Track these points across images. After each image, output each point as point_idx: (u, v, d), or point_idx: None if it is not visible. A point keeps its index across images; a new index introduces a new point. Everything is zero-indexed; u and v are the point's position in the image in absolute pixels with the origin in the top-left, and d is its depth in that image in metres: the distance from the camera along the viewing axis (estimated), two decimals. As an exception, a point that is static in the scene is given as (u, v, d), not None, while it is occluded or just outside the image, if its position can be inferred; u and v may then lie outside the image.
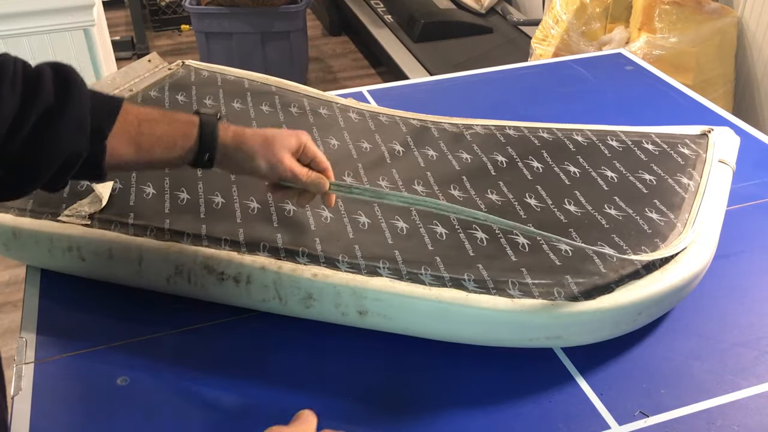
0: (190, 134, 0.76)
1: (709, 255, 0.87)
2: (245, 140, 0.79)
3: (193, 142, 0.76)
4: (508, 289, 0.79)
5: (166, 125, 0.75)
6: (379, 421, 0.75)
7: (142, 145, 0.73)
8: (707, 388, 0.78)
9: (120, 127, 0.71)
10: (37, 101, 0.65)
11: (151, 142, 0.74)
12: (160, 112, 0.77)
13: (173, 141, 0.75)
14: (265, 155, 0.79)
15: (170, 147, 0.75)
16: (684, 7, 2.12)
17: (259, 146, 0.79)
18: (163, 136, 0.75)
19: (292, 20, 2.96)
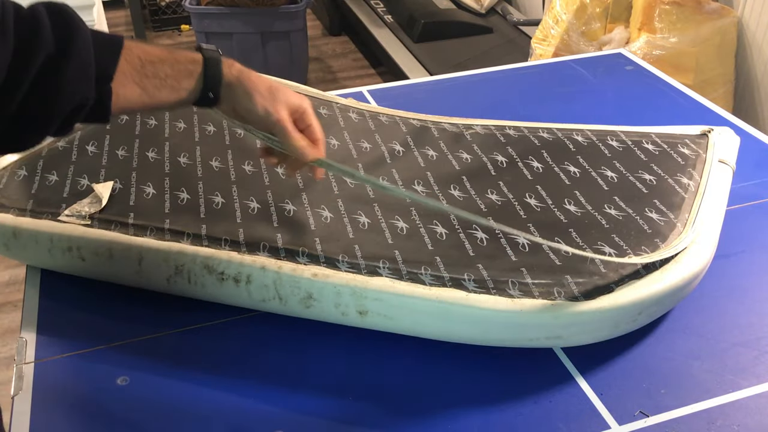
0: (195, 73, 0.75)
1: (709, 255, 0.87)
2: (250, 78, 0.79)
3: (198, 82, 0.75)
4: (508, 289, 0.79)
5: (169, 66, 0.74)
6: (379, 421, 0.75)
7: (146, 87, 0.72)
8: (707, 388, 0.78)
9: (124, 70, 0.70)
10: (36, 49, 0.62)
11: (156, 84, 0.73)
12: (162, 51, 0.75)
13: (178, 82, 0.74)
14: (264, 99, 0.78)
15: (175, 88, 0.75)
16: (684, 7, 2.12)
17: (262, 88, 0.79)
18: (168, 78, 0.74)
19: (292, 20, 2.96)
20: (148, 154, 1.02)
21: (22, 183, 0.97)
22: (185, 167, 0.99)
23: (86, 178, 0.97)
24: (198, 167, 0.99)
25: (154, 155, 1.02)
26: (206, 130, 1.08)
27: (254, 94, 0.78)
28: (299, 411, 0.76)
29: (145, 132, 1.07)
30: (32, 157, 1.02)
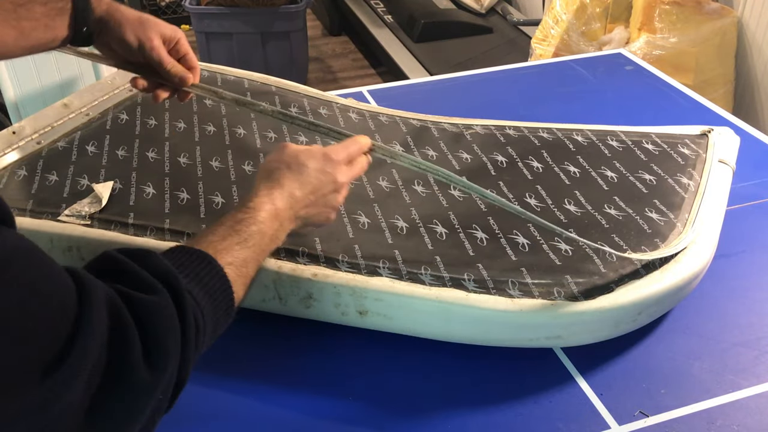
0: (65, 9, 0.77)
1: (709, 255, 0.87)
2: (120, 11, 0.81)
3: (70, 17, 0.77)
4: (508, 289, 0.79)
5: (40, 5, 0.75)
6: (379, 421, 0.75)
7: (23, 28, 0.74)
8: (707, 388, 0.78)
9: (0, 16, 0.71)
10: None
11: (32, 24, 0.74)
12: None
13: (52, 20, 0.76)
14: (136, 31, 0.81)
15: (50, 26, 0.76)
16: (684, 7, 2.12)
17: (133, 20, 0.81)
18: (41, 17, 0.75)
19: (292, 20, 2.96)
20: (148, 154, 1.02)
21: (22, 183, 0.97)
22: (185, 167, 0.99)
23: (86, 178, 0.97)
24: (198, 167, 0.99)
25: (154, 155, 1.02)
26: (206, 130, 1.08)
27: (125, 25, 0.81)
28: (299, 411, 0.76)
29: (145, 132, 1.07)
30: (32, 157, 1.02)
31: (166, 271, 0.56)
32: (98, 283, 0.50)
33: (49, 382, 0.43)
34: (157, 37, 0.82)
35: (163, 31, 0.83)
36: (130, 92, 1.16)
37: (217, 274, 0.61)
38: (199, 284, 0.59)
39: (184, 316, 0.54)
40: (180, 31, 0.85)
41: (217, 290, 0.61)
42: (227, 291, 0.61)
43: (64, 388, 0.44)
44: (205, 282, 0.60)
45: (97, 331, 0.47)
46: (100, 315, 0.47)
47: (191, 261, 0.60)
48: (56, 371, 0.43)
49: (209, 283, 0.60)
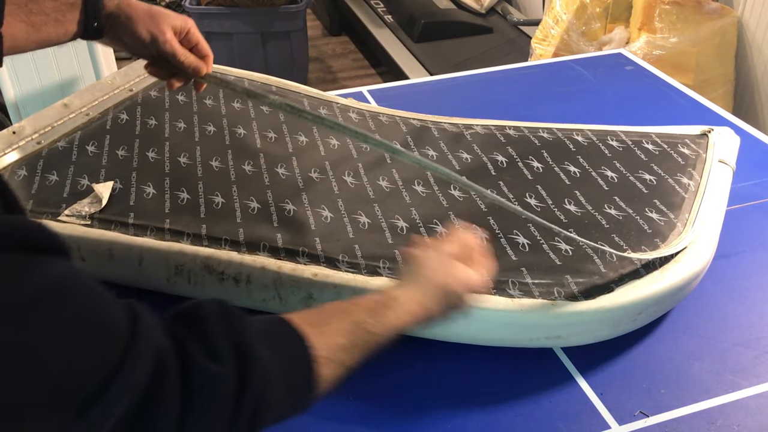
0: (76, 4, 0.78)
1: (709, 255, 0.87)
2: (130, 5, 0.81)
3: (81, 13, 0.78)
4: (508, 289, 0.79)
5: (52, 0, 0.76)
6: (379, 421, 0.75)
7: (34, 23, 0.75)
8: (707, 388, 0.78)
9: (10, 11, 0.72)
10: None
11: (42, 19, 0.75)
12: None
13: (62, 15, 0.77)
14: (148, 25, 0.81)
15: (60, 21, 0.77)
16: (684, 7, 2.12)
17: (143, 14, 0.81)
18: (52, 12, 0.76)
19: (292, 20, 2.96)
20: (148, 154, 1.02)
21: (22, 183, 0.97)
22: (185, 167, 0.99)
23: (86, 178, 0.97)
24: (198, 167, 0.99)
25: (154, 155, 1.02)
26: (206, 130, 1.08)
27: (137, 20, 0.81)
28: (299, 411, 0.76)
29: (145, 132, 1.07)
30: (32, 157, 1.02)
31: (247, 343, 0.51)
32: (153, 332, 0.46)
33: (83, 420, 0.41)
34: (169, 30, 0.82)
35: (174, 23, 0.83)
36: (130, 92, 1.16)
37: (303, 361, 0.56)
38: (274, 353, 0.53)
39: (243, 397, 0.49)
40: (190, 20, 0.86)
41: (296, 364, 0.56)
42: (308, 377, 0.56)
43: (105, 416, 0.42)
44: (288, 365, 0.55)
45: (134, 381, 0.43)
46: (143, 364, 0.44)
47: (282, 337, 0.56)
48: (90, 409, 0.41)
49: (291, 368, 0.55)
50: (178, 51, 0.83)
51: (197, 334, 0.50)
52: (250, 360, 0.50)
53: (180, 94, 1.16)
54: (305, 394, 0.57)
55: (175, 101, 1.14)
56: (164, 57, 0.83)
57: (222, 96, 1.16)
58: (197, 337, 0.50)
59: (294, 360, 0.56)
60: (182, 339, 0.49)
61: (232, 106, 1.14)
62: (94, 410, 0.41)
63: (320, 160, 1.02)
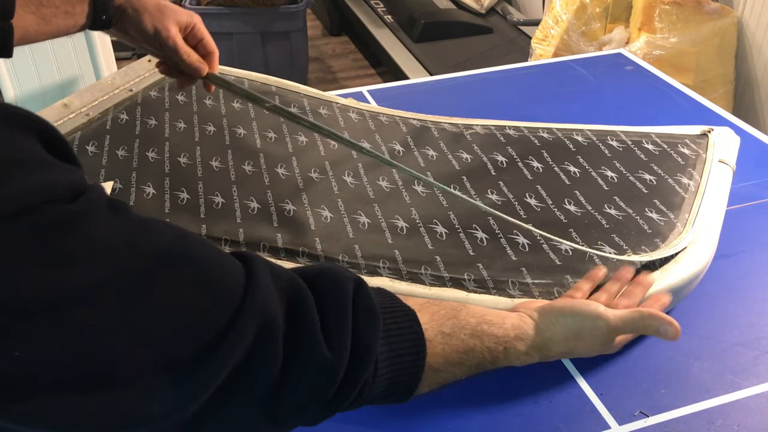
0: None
1: (709, 255, 0.87)
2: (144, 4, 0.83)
3: (89, 4, 0.79)
4: (508, 289, 0.79)
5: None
6: (379, 421, 0.75)
7: (44, 15, 0.76)
8: (707, 387, 0.78)
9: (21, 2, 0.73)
10: None
11: (52, 11, 0.76)
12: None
13: (72, 7, 0.78)
14: (154, 19, 0.82)
15: (70, 13, 0.78)
16: (684, 7, 2.12)
17: (151, 8, 0.82)
18: (62, 5, 0.77)
19: (292, 20, 2.96)
20: (148, 154, 1.02)
21: (22, 183, 0.97)
22: (185, 167, 0.99)
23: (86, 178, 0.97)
24: (198, 167, 0.99)
25: (154, 155, 1.02)
26: (206, 130, 1.08)
27: (143, 14, 0.82)
28: (299, 411, 0.76)
29: (145, 132, 1.07)
30: (32, 157, 1.02)
31: (368, 346, 0.52)
32: (265, 299, 0.47)
33: (203, 363, 0.42)
34: (174, 26, 0.83)
35: (180, 18, 0.84)
36: (130, 92, 1.16)
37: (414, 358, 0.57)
38: (389, 355, 0.55)
39: (344, 388, 0.52)
40: (197, 16, 0.86)
41: (405, 370, 0.57)
42: (415, 376, 0.58)
43: (216, 370, 0.43)
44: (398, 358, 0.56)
45: (238, 344, 0.44)
46: (247, 333, 0.45)
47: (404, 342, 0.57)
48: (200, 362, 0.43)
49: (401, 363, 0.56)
50: (180, 48, 0.84)
51: (322, 309, 0.51)
52: (363, 361, 0.52)
53: (180, 94, 1.16)
54: (395, 398, 0.59)
55: (175, 101, 1.14)
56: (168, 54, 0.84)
57: (222, 96, 1.16)
58: (320, 313, 0.50)
59: (404, 366, 0.57)
60: (302, 309, 0.49)
61: (232, 106, 1.14)
62: (206, 363, 0.43)
63: (320, 160, 1.02)
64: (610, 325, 0.69)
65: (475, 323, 0.64)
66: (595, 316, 0.69)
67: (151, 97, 1.16)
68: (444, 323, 0.61)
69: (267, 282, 0.48)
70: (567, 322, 0.69)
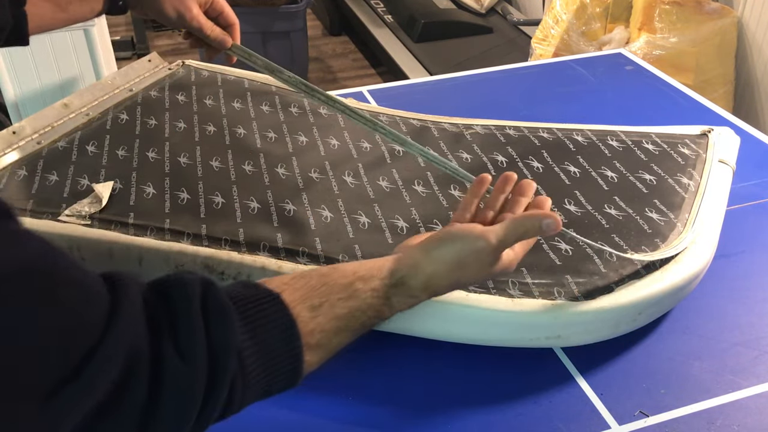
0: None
1: (709, 255, 0.87)
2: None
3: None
4: (508, 289, 0.79)
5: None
6: (379, 421, 0.75)
7: (59, 3, 0.77)
8: (707, 388, 0.78)
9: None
10: None
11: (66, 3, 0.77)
12: None
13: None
14: (173, 2, 0.83)
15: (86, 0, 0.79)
16: (684, 7, 2.12)
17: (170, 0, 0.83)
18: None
19: (292, 20, 2.96)
20: (148, 154, 1.02)
21: (22, 183, 0.97)
22: (185, 167, 0.99)
23: (86, 178, 0.97)
24: (198, 167, 0.99)
25: (154, 155, 1.02)
26: (206, 130, 1.08)
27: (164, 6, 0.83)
28: (298, 411, 0.76)
29: (145, 132, 1.07)
30: (32, 157, 1.02)
31: (224, 346, 0.49)
32: (129, 329, 0.44)
33: (53, 403, 0.40)
34: (194, 5, 0.85)
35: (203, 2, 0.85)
36: (130, 92, 1.16)
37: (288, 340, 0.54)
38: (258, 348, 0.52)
39: (211, 397, 0.48)
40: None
41: (281, 356, 0.53)
42: (295, 359, 0.54)
43: (69, 409, 0.41)
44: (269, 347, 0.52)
45: (99, 381, 0.42)
46: (110, 367, 0.42)
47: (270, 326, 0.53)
48: (56, 397, 0.40)
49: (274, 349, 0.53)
50: (204, 25, 0.86)
51: (173, 324, 0.48)
52: (223, 364, 0.49)
53: (180, 94, 1.16)
54: (284, 384, 0.55)
55: (175, 101, 1.14)
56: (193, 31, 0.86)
57: (222, 96, 1.16)
58: (172, 329, 0.48)
59: (279, 352, 0.53)
60: (159, 329, 0.47)
61: (232, 106, 1.14)
62: (61, 398, 0.40)
63: (320, 160, 1.02)
64: (492, 243, 0.63)
65: (347, 283, 0.59)
66: (475, 238, 0.63)
67: (151, 97, 1.16)
68: (312, 295, 0.57)
69: (134, 312, 0.46)
70: (448, 251, 0.64)
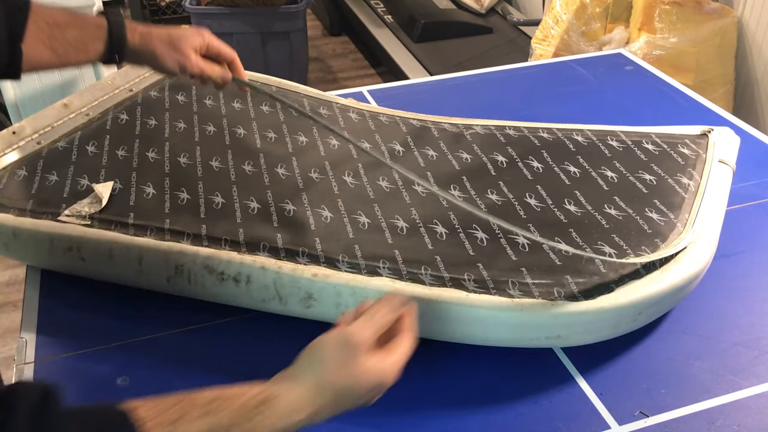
0: (101, 37, 0.82)
1: (709, 255, 0.87)
2: (152, 41, 0.85)
3: (103, 45, 0.82)
4: (508, 289, 0.79)
5: (77, 30, 0.81)
6: (380, 422, 0.75)
7: (56, 49, 0.79)
8: (707, 388, 0.78)
9: (33, 34, 0.77)
10: None
11: (65, 47, 0.80)
12: (69, 16, 0.82)
13: (85, 45, 0.82)
14: (172, 56, 0.86)
15: (82, 50, 0.82)
16: (684, 7, 2.12)
17: (165, 47, 0.86)
18: (75, 41, 0.81)
19: (292, 20, 2.96)
20: (148, 154, 1.02)
21: (22, 183, 0.97)
22: (185, 167, 0.99)
23: (86, 178, 0.97)
24: (198, 167, 0.99)
25: (154, 155, 1.02)
26: (206, 130, 1.08)
27: (162, 55, 0.86)
28: (299, 411, 0.76)
29: (145, 132, 1.07)
30: (32, 157, 1.02)
31: None
32: None
33: None
34: (192, 53, 0.87)
35: (194, 43, 0.87)
36: (130, 92, 1.16)
37: None
38: None
39: None
40: (206, 32, 0.90)
41: None
42: None
43: None
44: None
45: None
46: None
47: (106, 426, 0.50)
48: None
49: None
50: (204, 69, 0.89)
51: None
52: None
53: (180, 95, 1.16)
54: None
55: (175, 101, 1.14)
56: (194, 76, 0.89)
57: (222, 96, 1.16)
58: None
59: None
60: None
61: (232, 106, 1.14)
62: None
63: (320, 160, 1.02)
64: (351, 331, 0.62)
65: (208, 400, 0.57)
66: (336, 333, 0.63)
67: (151, 97, 1.16)
68: (169, 411, 0.53)
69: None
70: (315, 355, 0.62)
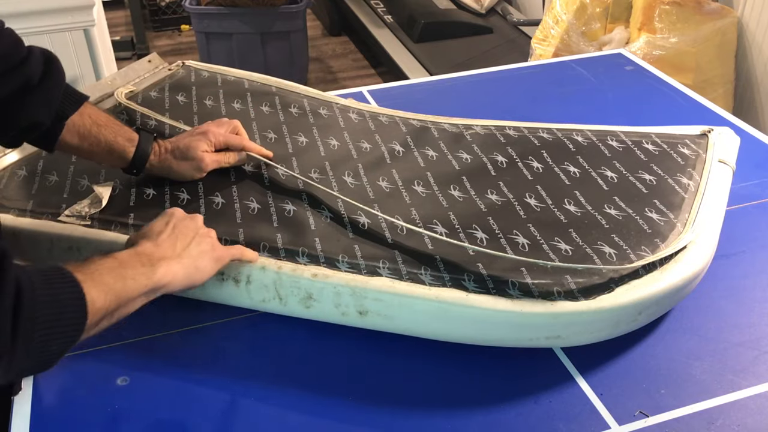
0: (128, 151, 0.91)
1: (709, 255, 0.87)
2: (167, 159, 0.93)
3: (127, 158, 0.91)
4: (508, 289, 0.79)
5: (111, 135, 0.90)
6: (380, 421, 0.75)
7: (85, 142, 0.88)
8: (707, 388, 0.78)
9: (76, 120, 0.86)
10: (22, 70, 0.80)
11: (94, 144, 0.89)
12: (110, 120, 0.91)
13: (111, 150, 0.90)
14: (187, 167, 0.94)
15: (108, 153, 0.90)
16: (684, 7, 2.12)
17: (179, 162, 0.93)
18: (104, 144, 0.89)
19: (292, 20, 2.96)
20: (148, 154, 1.02)
21: (22, 183, 0.97)
22: (185, 167, 0.99)
23: (86, 178, 0.97)
24: (198, 167, 0.99)
25: (154, 155, 1.01)
26: (206, 130, 1.07)
27: (178, 170, 0.94)
28: (299, 411, 0.76)
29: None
30: (32, 158, 1.02)
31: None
32: None
33: None
34: (205, 154, 0.93)
35: (203, 147, 0.94)
36: (130, 92, 1.16)
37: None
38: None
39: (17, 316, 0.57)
40: (211, 129, 0.96)
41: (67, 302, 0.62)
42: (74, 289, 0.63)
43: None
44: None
45: None
46: None
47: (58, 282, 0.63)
48: None
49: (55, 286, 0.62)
50: (220, 162, 0.96)
51: None
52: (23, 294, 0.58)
53: (180, 95, 1.16)
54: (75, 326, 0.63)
55: (175, 102, 1.14)
56: None
57: (222, 97, 1.16)
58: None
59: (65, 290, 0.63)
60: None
61: (232, 106, 1.14)
62: None
63: (320, 160, 1.02)
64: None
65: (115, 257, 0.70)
66: None
67: (151, 97, 1.16)
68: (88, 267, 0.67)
69: None
70: None
